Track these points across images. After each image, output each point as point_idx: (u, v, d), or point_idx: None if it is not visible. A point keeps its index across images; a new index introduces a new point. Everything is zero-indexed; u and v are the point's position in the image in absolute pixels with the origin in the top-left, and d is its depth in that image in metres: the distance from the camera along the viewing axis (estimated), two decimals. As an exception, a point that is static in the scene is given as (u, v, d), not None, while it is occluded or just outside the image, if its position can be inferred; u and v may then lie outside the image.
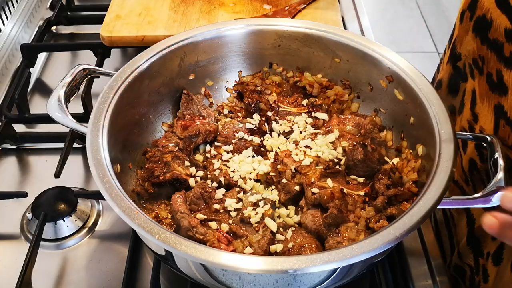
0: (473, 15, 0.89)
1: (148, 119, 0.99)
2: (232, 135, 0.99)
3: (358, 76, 1.02)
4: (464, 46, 0.93)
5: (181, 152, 0.93)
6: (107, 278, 0.91)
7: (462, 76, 0.96)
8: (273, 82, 1.07)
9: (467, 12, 0.91)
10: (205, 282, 0.78)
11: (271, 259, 0.67)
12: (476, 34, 0.88)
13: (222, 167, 0.92)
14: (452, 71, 0.99)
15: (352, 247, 0.67)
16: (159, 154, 0.92)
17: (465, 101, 0.95)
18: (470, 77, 0.93)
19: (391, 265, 0.93)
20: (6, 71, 1.33)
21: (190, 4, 1.36)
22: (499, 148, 0.79)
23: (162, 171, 0.88)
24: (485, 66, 0.86)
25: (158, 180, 0.87)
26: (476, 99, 0.90)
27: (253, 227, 0.81)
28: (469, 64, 0.92)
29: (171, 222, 0.86)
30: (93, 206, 1.02)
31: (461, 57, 0.95)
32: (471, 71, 0.92)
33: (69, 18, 1.49)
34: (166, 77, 1.00)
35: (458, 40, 0.95)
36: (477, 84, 0.89)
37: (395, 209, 0.82)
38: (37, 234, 0.91)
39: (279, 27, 1.04)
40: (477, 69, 0.89)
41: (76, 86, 0.92)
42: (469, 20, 0.90)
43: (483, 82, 0.87)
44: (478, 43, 0.88)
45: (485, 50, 0.86)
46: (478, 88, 0.89)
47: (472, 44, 0.90)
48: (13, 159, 1.13)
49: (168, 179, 0.88)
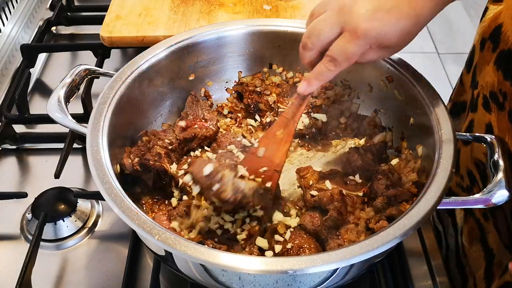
0: (496, 47, 0.86)
1: (148, 119, 0.99)
2: (225, 146, 0.98)
3: (358, 76, 1.02)
4: (483, 77, 0.90)
5: (173, 152, 0.93)
6: (107, 278, 0.91)
7: (473, 105, 0.93)
8: (272, 83, 1.07)
9: (489, 43, 0.88)
10: (205, 283, 0.78)
11: (271, 260, 0.67)
12: (498, 67, 0.86)
13: None
14: (471, 98, 0.96)
15: (352, 247, 0.67)
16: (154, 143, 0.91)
17: (475, 132, 0.92)
18: (483, 108, 0.90)
19: (391, 265, 0.93)
20: (6, 71, 1.33)
21: (190, 4, 1.36)
22: (499, 148, 0.79)
23: (154, 158, 0.88)
24: (507, 102, 0.83)
25: (148, 163, 0.87)
26: (493, 134, 0.87)
27: (240, 244, 0.80)
28: (484, 95, 0.89)
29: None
30: (93, 206, 1.02)
31: (477, 86, 0.92)
32: (484, 103, 0.89)
33: (69, 19, 1.49)
34: (166, 77, 1.00)
35: (478, 67, 0.93)
36: (495, 119, 0.87)
37: (395, 209, 0.82)
38: (37, 235, 0.91)
39: (279, 27, 1.04)
40: (496, 104, 0.86)
41: (76, 87, 0.92)
42: (491, 51, 0.88)
43: (504, 118, 0.85)
44: (500, 77, 0.85)
45: (508, 87, 0.83)
46: (496, 123, 0.87)
47: (493, 76, 0.87)
48: (13, 160, 1.13)
49: (158, 167, 0.87)
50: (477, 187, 0.97)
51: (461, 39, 3.56)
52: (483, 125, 0.90)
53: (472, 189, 0.98)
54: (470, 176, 0.98)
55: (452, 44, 3.59)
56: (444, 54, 3.53)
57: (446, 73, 3.33)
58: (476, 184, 0.97)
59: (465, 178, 1.00)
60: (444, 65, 3.43)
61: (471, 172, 0.97)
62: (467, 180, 0.99)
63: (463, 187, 1.01)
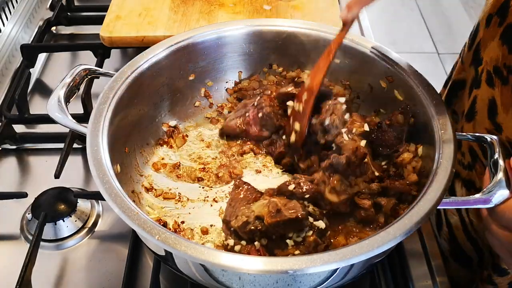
0: (502, 21, 0.86)
1: (148, 119, 0.99)
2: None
3: (358, 76, 1.02)
4: (488, 52, 0.90)
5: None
6: (107, 278, 0.91)
7: (477, 82, 0.93)
8: (271, 82, 1.07)
9: (496, 17, 0.88)
10: (205, 283, 0.78)
11: (271, 260, 0.67)
12: (503, 41, 0.86)
13: None
14: (474, 75, 0.97)
15: (352, 247, 0.67)
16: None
17: (478, 108, 0.93)
18: (486, 84, 0.90)
19: (391, 265, 0.93)
20: (6, 71, 1.33)
21: (190, 4, 1.36)
22: (499, 148, 0.78)
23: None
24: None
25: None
26: (497, 108, 0.88)
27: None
28: (488, 71, 0.89)
29: None
30: (93, 206, 1.02)
31: (482, 62, 0.92)
32: (488, 78, 0.89)
33: (69, 19, 1.48)
34: (166, 77, 1.00)
35: (483, 44, 0.93)
36: (499, 94, 0.87)
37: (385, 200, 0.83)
38: (37, 235, 0.91)
39: (279, 27, 1.04)
40: (499, 78, 0.86)
41: (76, 87, 0.92)
42: (497, 25, 0.87)
43: (508, 92, 0.85)
44: (504, 52, 0.85)
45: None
46: (500, 97, 0.87)
47: (497, 51, 0.87)
48: (13, 160, 1.13)
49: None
50: (479, 163, 0.96)
51: (461, 39, 3.54)
52: (486, 101, 0.90)
53: (474, 166, 0.98)
54: (472, 152, 0.97)
55: (452, 44, 3.59)
56: (444, 54, 3.53)
57: (446, 73, 3.33)
58: (478, 160, 0.96)
59: (466, 155, 0.99)
60: (444, 65, 3.43)
61: (472, 148, 0.97)
62: (468, 157, 0.99)
63: (464, 165, 1.00)
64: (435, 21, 3.81)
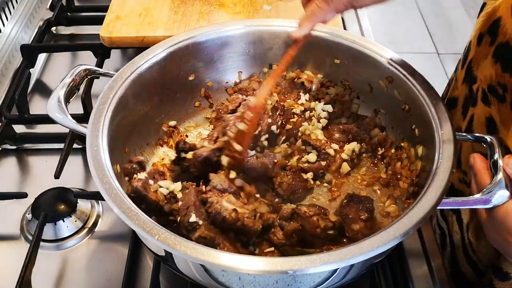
0: (494, 40, 0.86)
1: (148, 120, 0.99)
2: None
3: (358, 77, 1.02)
4: (481, 71, 0.90)
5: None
6: (107, 278, 0.91)
7: (472, 100, 0.93)
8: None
9: (487, 37, 0.88)
10: (205, 283, 0.78)
11: (271, 260, 0.67)
12: (496, 60, 0.86)
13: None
14: (467, 93, 0.96)
15: (352, 247, 0.67)
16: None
17: (475, 126, 0.92)
18: (482, 102, 0.90)
19: (391, 265, 0.93)
20: (6, 71, 1.33)
21: (190, 4, 1.36)
22: (499, 148, 0.78)
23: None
24: (508, 94, 0.83)
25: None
26: (496, 126, 0.87)
27: None
28: (483, 90, 0.89)
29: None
30: (93, 206, 1.02)
31: (476, 80, 0.92)
32: (483, 97, 0.89)
33: (69, 19, 1.48)
34: (166, 77, 1.00)
35: (475, 63, 0.93)
36: (496, 112, 0.87)
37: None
38: (37, 235, 0.91)
39: (279, 27, 1.04)
40: (495, 97, 0.86)
41: (76, 87, 0.92)
42: (489, 45, 0.88)
43: (506, 109, 0.85)
44: (498, 70, 0.85)
45: (508, 78, 0.83)
46: (498, 115, 0.87)
47: (490, 70, 0.87)
48: (13, 160, 1.13)
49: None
50: None
51: (461, 39, 3.56)
52: (483, 119, 0.90)
53: None
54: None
55: (452, 44, 3.59)
56: (444, 54, 3.53)
57: (446, 73, 3.33)
58: None
59: (468, 173, 0.99)
60: (444, 65, 3.43)
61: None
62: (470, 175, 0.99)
63: (466, 183, 1.00)
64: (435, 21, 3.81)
